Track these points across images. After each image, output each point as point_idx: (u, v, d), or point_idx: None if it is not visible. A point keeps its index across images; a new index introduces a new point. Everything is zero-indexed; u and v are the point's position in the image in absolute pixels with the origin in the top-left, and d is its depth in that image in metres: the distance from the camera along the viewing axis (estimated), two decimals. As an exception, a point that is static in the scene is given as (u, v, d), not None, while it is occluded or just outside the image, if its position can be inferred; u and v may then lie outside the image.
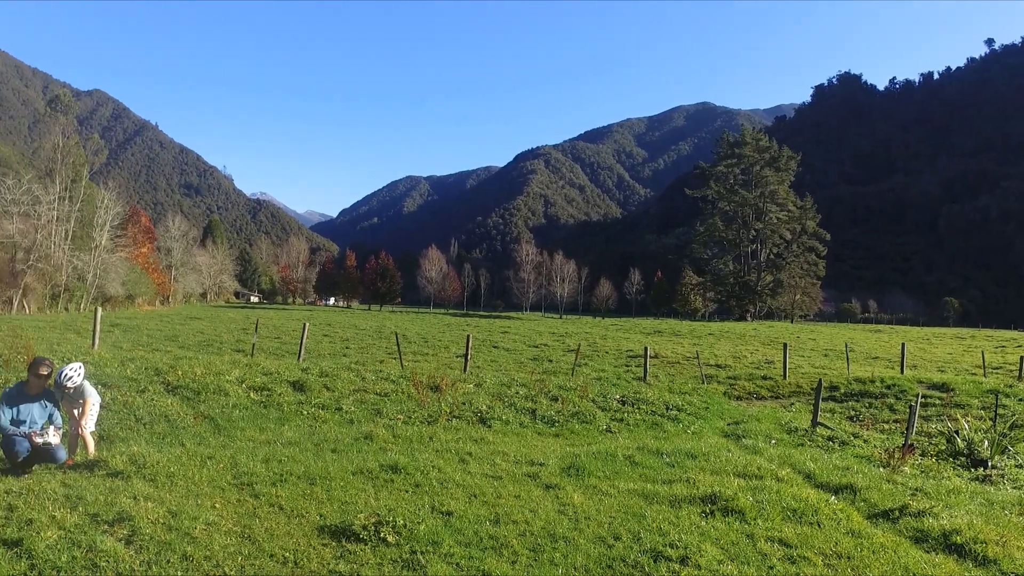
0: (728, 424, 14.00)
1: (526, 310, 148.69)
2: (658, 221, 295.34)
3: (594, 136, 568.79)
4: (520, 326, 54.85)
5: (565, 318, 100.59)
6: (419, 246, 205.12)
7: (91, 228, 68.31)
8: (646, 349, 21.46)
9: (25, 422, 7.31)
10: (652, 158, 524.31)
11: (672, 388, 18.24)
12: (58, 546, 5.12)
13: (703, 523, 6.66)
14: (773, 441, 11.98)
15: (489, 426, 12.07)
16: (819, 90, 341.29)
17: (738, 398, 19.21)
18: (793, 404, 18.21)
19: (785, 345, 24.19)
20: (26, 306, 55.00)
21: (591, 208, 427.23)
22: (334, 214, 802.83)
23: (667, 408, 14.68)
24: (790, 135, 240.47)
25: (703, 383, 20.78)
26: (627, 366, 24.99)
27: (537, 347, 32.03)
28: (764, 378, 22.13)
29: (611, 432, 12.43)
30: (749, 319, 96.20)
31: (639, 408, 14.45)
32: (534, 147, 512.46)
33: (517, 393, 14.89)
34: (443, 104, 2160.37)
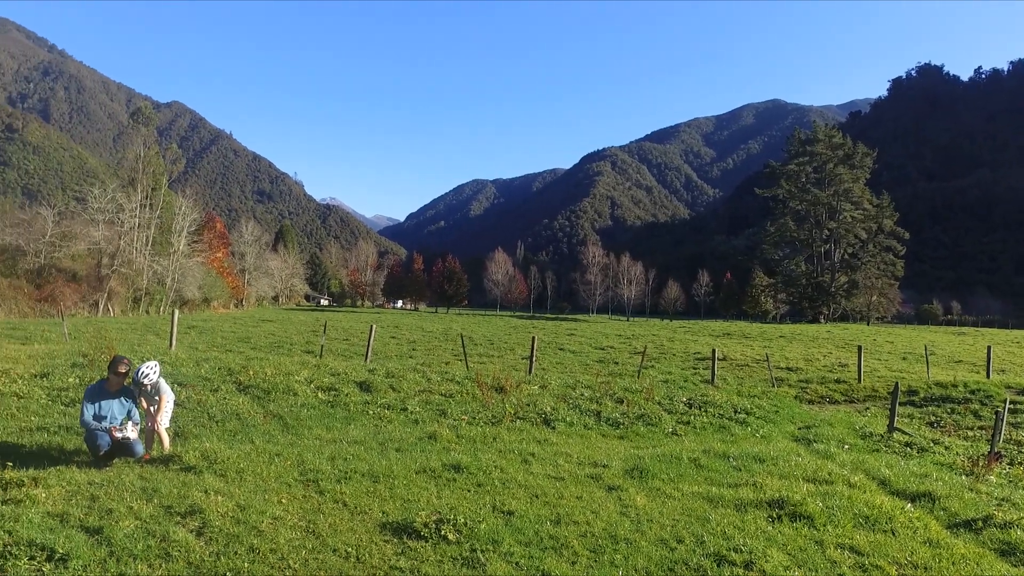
0: (799, 428, 13.59)
1: (592, 312, 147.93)
2: (727, 222, 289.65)
3: (661, 136, 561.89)
4: (586, 328, 54.53)
5: (632, 320, 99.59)
6: (485, 249, 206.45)
7: (170, 234, 71.12)
8: (714, 351, 21.07)
9: (106, 417, 7.67)
10: (720, 158, 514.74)
11: (740, 391, 17.83)
12: (135, 535, 5.37)
13: (769, 528, 6.48)
14: (846, 446, 11.57)
15: (553, 427, 12.03)
16: (896, 83, 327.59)
17: (810, 402, 18.64)
18: (868, 409, 17.56)
19: (860, 348, 23.38)
20: (111, 309, 57.61)
21: (658, 209, 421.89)
22: (402, 218, 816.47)
23: (735, 411, 14.35)
24: (865, 131, 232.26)
25: (773, 386, 20.25)
26: (694, 369, 24.56)
27: (603, 349, 31.77)
28: (838, 381, 21.40)
29: (677, 435, 12.23)
30: (822, 321, 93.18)
31: (706, 411, 14.17)
32: (600, 148, 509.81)
33: (582, 395, 14.81)
34: (509, 107, 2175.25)
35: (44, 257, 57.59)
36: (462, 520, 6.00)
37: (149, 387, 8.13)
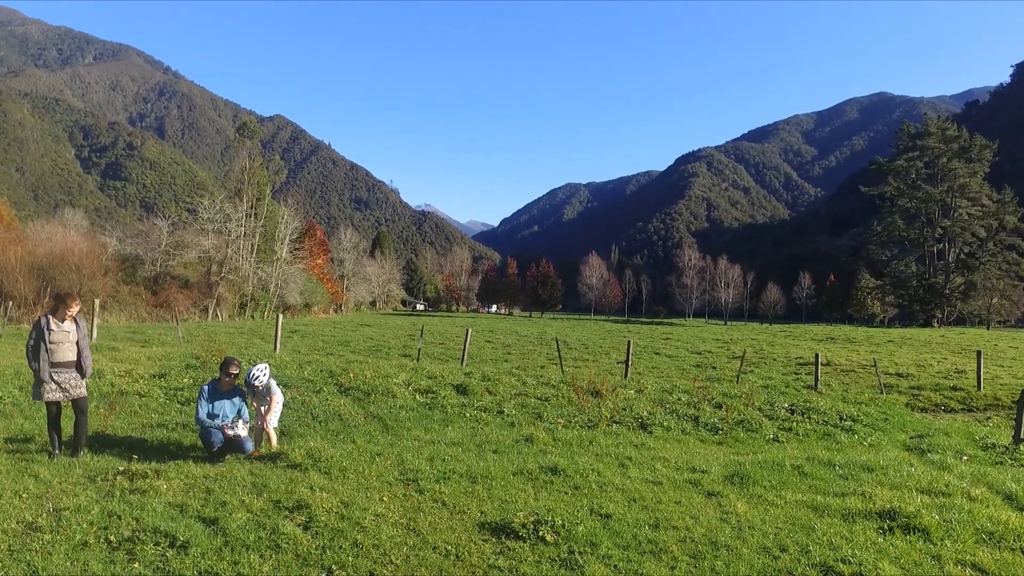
0: (911, 437, 12.90)
1: (689, 316, 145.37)
2: (829, 222, 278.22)
3: (758, 135, 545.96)
4: (682, 332, 53.57)
5: (729, 324, 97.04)
6: (579, 253, 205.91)
7: (273, 242, 74.15)
8: (817, 356, 20.32)
9: (218, 416, 8.13)
10: (822, 155, 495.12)
11: (846, 397, 17.13)
12: (247, 526, 5.68)
13: (880, 540, 6.17)
14: (965, 457, 10.88)
15: (650, 432, 11.89)
16: (1021, 68, 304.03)
17: (923, 410, 17.66)
18: (990, 418, 16.44)
19: (979, 353, 21.94)
20: (219, 314, 60.58)
21: (756, 210, 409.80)
22: (495, 223, 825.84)
23: (840, 418, 13.76)
24: (984, 121, 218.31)
25: (881, 393, 19.32)
26: (796, 374, 23.72)
27: (700, 354, 31.12)
28: (954, 389, 20.20)
29: (778, 441, 11.84)
30: (936, 325, 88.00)
31: (809, 418, 13.66)
32: (695, 149, 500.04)
33: (679, 400, 14.58)
34: (602, 111, 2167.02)
35: (160, 265, 61.28)
36: (559, 522, 6.01)
37: (261, 388, 8.57)
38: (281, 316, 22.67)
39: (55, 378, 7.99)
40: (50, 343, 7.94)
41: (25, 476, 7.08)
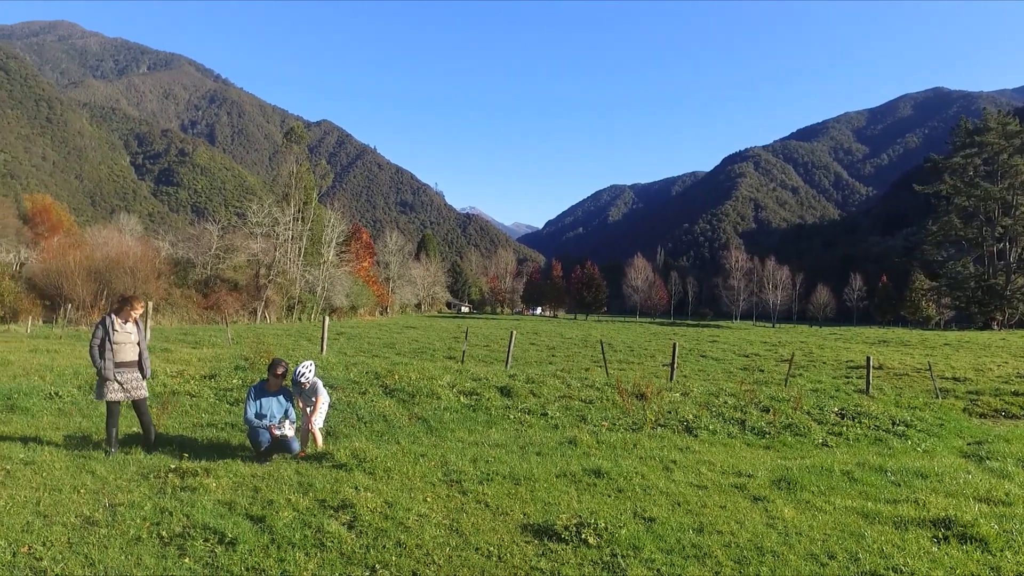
0: (968, 444, 12.48)
1: (735, 319, 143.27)
2: (882, 221, 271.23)
3: (807, 134, 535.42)
4: (729, 335, 52.79)
5: (777, 327, 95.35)
6: (624, 255, 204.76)
7: (320, 245, 75.40)
8: (868, 359, 19.81)
9: (266, 416, 8.29)
10: (874, 153, 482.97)
11: (899, 402, 16.66)
12: (293, 525, 5.78)
13: (934, 549, 5.99)
14: (1026, 465, 10.51)
15: (695, 435, 11.76)
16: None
17: (981, 415, 17.06)
18: (1052, 424, 15.85)
19: (1040, 356, 21.18)
20: (267, 316, 61.77)
21: (805, 210, 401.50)
22: (540, 225, 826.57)
23: (893, 423, 13.41)
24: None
25: (937, 397, 18.74)
26: (847, 377, 23.16)
27: (747, 357, 30.61)
28: (1015, 394, 19.45)
29: (827, 446, 11.59)
30: (996, 328, 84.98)
31: (860, 422, 13.34)
32: (742, 149, 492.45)
33: (725, 403, 14.37)
34: (647, 112, 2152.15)
35: (210, 268, 62.78)
36: (603, 524, 5.99)
37: (307, 385, 8.71)
38: (328, 318, 23.03)
39: (118, 378, 8.28)
40: (114, 343, 8.25)
41: (83, 472, 7.32)
